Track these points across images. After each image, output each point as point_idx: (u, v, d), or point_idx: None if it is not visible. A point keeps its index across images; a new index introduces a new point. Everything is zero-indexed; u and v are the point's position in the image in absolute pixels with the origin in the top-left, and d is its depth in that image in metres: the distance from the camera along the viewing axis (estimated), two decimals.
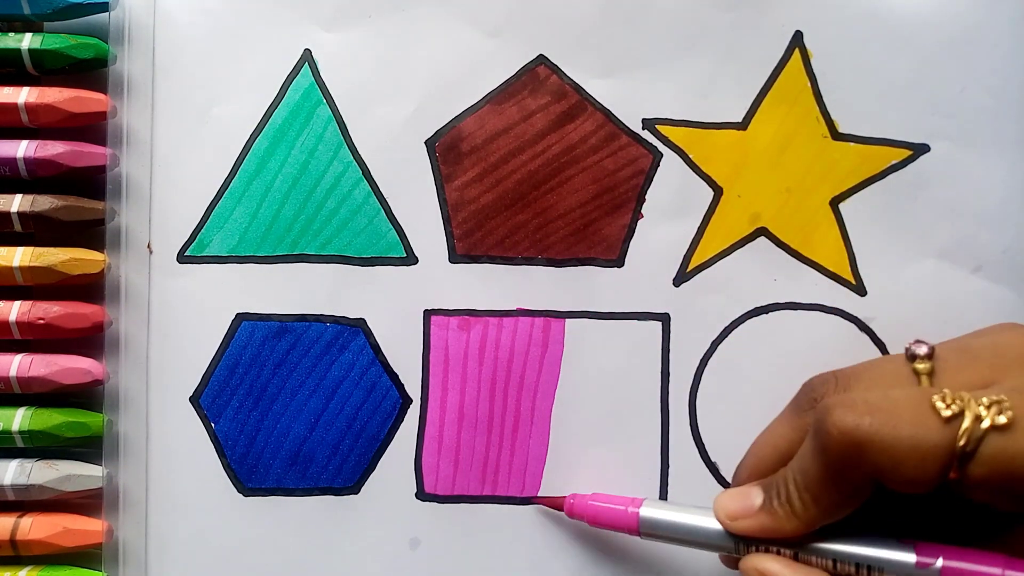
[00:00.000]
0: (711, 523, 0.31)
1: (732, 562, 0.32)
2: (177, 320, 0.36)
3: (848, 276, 0.36)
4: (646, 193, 0.36)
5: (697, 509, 0.32)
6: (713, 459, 0.36)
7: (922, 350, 0.29)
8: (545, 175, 0.36)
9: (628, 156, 0.36)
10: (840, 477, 0.27)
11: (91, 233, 0.36)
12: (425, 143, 0.37)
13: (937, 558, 0.28)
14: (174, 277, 0.36)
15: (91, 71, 0.36)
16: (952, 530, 0.28)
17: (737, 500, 0.31)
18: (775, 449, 0.31)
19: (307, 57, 0.37)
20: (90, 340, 0.36)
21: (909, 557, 0.28)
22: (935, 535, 0.28)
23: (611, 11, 0.37)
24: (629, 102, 0.37)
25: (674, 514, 0.32)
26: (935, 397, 0.26)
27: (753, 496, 0.30)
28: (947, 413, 0.26)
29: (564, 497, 0.35)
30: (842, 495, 0.28)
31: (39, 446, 0.35)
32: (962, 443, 0.25)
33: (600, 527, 0.34)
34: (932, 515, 0.29)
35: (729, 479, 0.36)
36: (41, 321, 0.35)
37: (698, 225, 0.36)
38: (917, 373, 0.29)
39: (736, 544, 0.30)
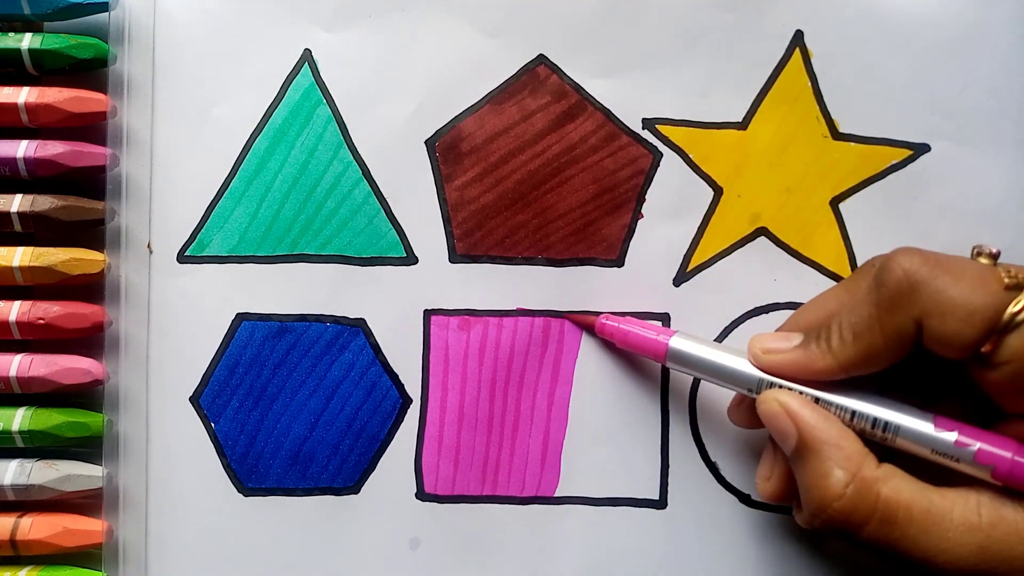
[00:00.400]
0: (739, 363, 0.32)
1: (742, 415, 0.33)
2: (177, 320, 0.36)
3: (848, 276, 0.36)
4: (646, 193, 0.36)
5: (728, 348, 0.32)
6: (713, 459, 0.36)
7: (988, 250, 0.30)
8: (545, 175, 0.36)
9: (628, 156, 0.36)
10: (889, 315, 0.28)
11: (91, 233, 0.36)
12: (425, 143, 0.37)
13: (953, 430, 0.28)
14: (174, 277, 0.36)
15: (91, 71, 0.36)
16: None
17: (774, 338, 0.31)
18: (823, 308, 0.32)
19: (307, 57, 0.37)
20: (90, 340, 0.36)
21: (927, 425, 0.29)
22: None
23: (611, 11, 0.37)
24: (629, 102, 0.37)
25: (703, 349, 0.32)
26: (1000, 268, 0.27)
27: (792, 337, 0.31)
28: (1008, 281, 0.27)
29: (596, 316, 0.35)
30: (885, 338, 0.28)
31: (39, 446, 0.35)
32: (1017, 308, 0.26)
33: (628, 348, 0.35)
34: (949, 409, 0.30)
35: (729, 479, 0.36)
36: (41, 321, 0.35)
37: (698, 225, 0.36)
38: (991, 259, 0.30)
39: (759, 384, 0.31)
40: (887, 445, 0.29)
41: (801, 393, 0.30)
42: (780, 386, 0.31)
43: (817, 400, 0.30)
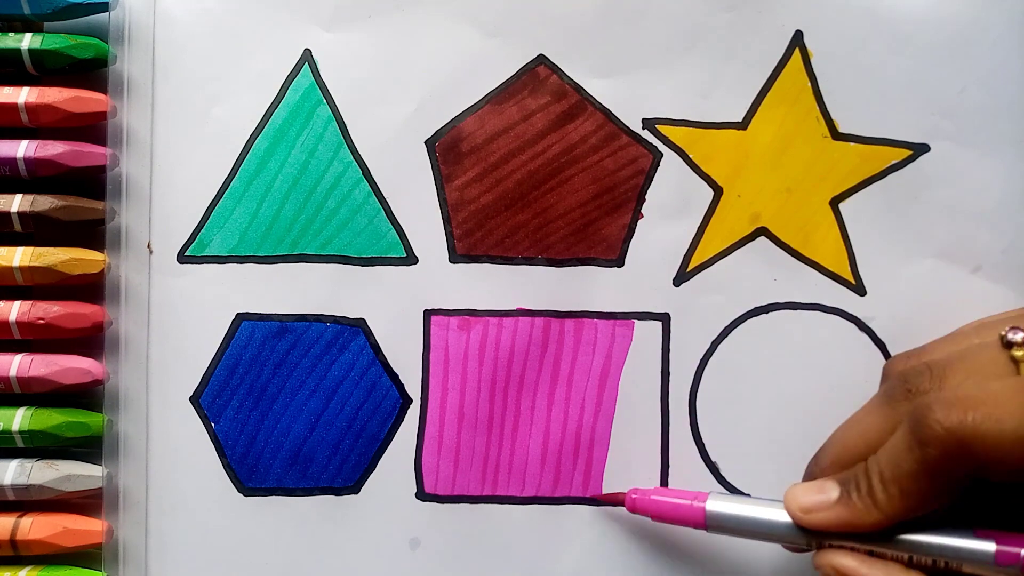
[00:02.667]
0: (781, 516, 0.31)
1: (795, 547, 0.32)
2: (177, 320, 0.36)
3: (848, 276, 0.36)
4: (646, 193, 0.36)
5: (764, 501, 0.31)
6: (713, 459, 0.36)
7: (1019, 336, 0.28)
8: (545, 175, 0.36)
9: (628, 156, 0.36)
10: (938, 474, 0.27)
11: (91, 233, 0.36)
12: (425, 143, 0.37)
13: (1021, 548, 0.27)
14: (174, 277, 0.36)
15: (91, 71, 0.36)
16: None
17: (811, 493, 0.30)
18: (864, 440, 0.30)
19: (307, 57, 0.37)
20: (90, 340, 0.36)
21: (989, 547, 0.28)
22: (1011, 526, 0.28)
23: (611, 11, 0.37)
24: (629, 102, 0.37)
25: (742, 507, 0.31)
26: None
27: (828, 489, 0.30)
28: None
29: (625, 493, 0.34)
30: (934, 492, 0.27)
31: (39, 446, 0.35)
32: None
33: (664, 522, 0.33)
34: (1007, 506, 0.29)
35: (729, 479, 0.36)
36: (41, 321, 0.35)
37: (698, 225, 0.36)
38: (1015, 360, 0.28)
39: (808, 539, 0.30)
40: (952, 572, 0.28)
41: (854, 547, 0.29)
42: (830, 543, 0.30)
43: (872, 551, 0.29)
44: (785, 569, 0.36)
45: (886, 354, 0.36)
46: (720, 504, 0.32)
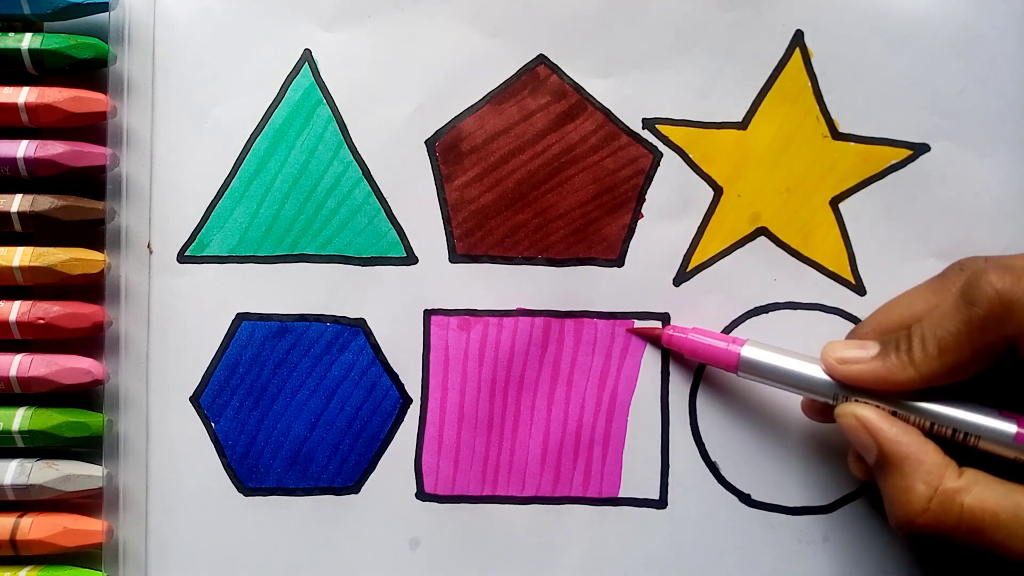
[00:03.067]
0: (814, 370, 0.31)
1: (815, 411, 0.33)
2: (177, 320, 0.36)
3: (848, 276, 0.36)
4: (646, 193, 0.36)
5: (800, 355, 0.32)
6: (713, 459, 0.36)
7: None
8: (545, 175, 0.36)
9: (628, 156, 0.36)
10: (980, 333, 0.28)
11: (91, 233, 0.36)
12: (425, 143, 0.37)
13: None
14: (174, 277, 0.36)
15: (91, 71, 0.36)
16: None
17: (850, 347, 0.31)
18: (910, 309, 0.31)
19: (307, 57, 0.37)
20: (90, 340, 0.36)
21: (1010, 428, 0.28)
22: None
23: (611, 11, 0.37)
24: (629, 102, 0.37)
25: (777, 357, 0.32)
26: None
27: (868, 346, 0.31)
28: None
29: (660, 329, 0.35)
30: (972, 354, 0.28)
31: (39, 446, 0.35)
32: None
33: (697, 359, 0.35)
34: None
35: (729, 479, 0.36)
36: (41, 321, 0.35)
37: (698, 225, 0.36)
38: None
39: (835, 394, 0.31)
40: (970, 448, 0.29)
41: (878, 405, 0.30)
42: (856, 398, 0.30)
43: (895, 411, 0.30)
44: (785, 570, 0.36)
45: None
46: (755, 352, 0.33)
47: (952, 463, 0.28)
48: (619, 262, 0.36)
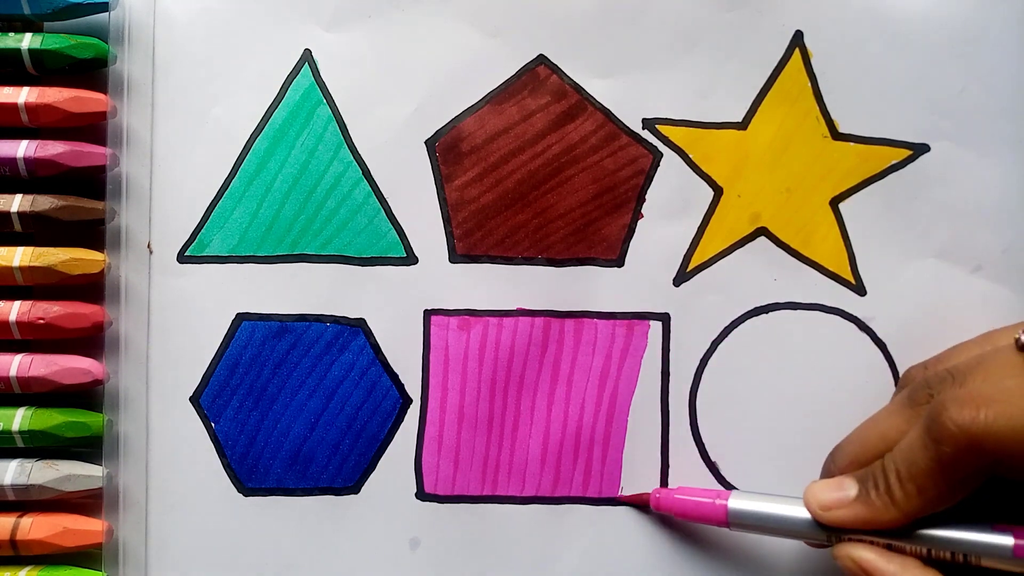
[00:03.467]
0: (801, 513, 0.31)
1: (816, 544, 0.33)
2: (177, 320, 0.36)
3: (848, 276, 0.36)
4: (646, 193, 0.36)
5: (786, 499, 0.32)
6: (713, 459, 0.36)
7: None
8: (545, 175, 0.36)
9: (628, 156, 0.36)
10: (952, 470, 0.27)
11: (91, 233, 0.36)
12: (425, 143, 0.37)
13: None
14: (174, 277, 0.36)
15: (91, 71, 0.36)
16: None
17: (830, 490, 0.31)
18: (883, 439, 0.31)
19: (307, 57, 0.37)
20: (90, 340, 0.36)
21: (1007, 542, 0.28)
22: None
23: (611, 11, 0.37)
24: (629, 102, 0.37)
25: (763, 505, 0.32)
26: None
27: (847, 487, 0.30)
28: None
29: (648, 493, 0.35)
30: (949, 488, 0.28)
31: (39, 446, 0.35)
32: None
33: (687, 520, 0.34)
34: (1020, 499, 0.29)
35: (729, 479, 0.36)
36: (41, 321, 0.35)
37: (698, 225, 0.36)
38: None
39: (828, 535, 0.31)
40: (972, 567, 0.29)
41: (872, 540, 0.30)
42: (849, 537, 0.30)
43: (890, 545, 0.29)
44: (785, 570, 0.36)
45: (886, 354, 0.36)
46: (742, 502, 0.32)
47: None
48: (619, 262, 0.36)
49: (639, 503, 0.35)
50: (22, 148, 0.35)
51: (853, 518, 0.30)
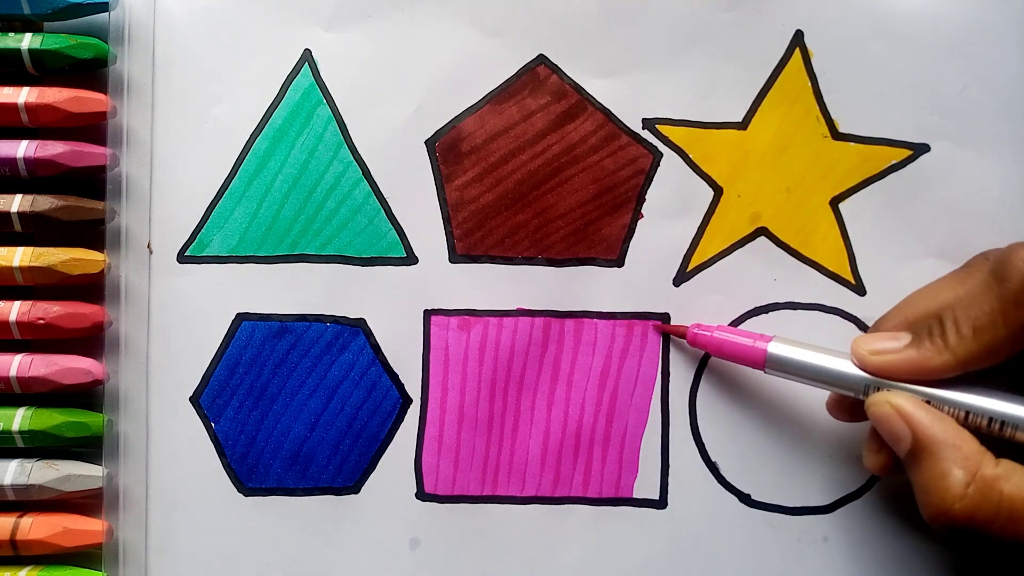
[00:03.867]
0: (843, 364, 0.31)
1: (842, 410, 0.32)
2: (177, 320, 0.36)
3: (848, 276, 0.36)
4: (646, 193, 0.36)
5: (828, 350, 0.32)
6: (713, 459, 0.36)
7: None
8: (545, 175, 0.36)
9: (628, 156, 0.36)
10: (1015, 310, 0.27)
11: (91, 233, 0.36)
12: (425, 143, 0.37)
13: None
14: (174, 277, 0.36)
15: (91, 71, 0.36)
16: None
17: (881, 339, 0.30)
18: (935, 299, 0.31)
19: (307, 57, 0.37)
20: (90, 340, 0.36)
21: None
22: None
23: (611, 11, 0.37)
24: (629, 102, 0.37)
25: (803, 353, 0.32)
26: None
27: (899, 336, 0.30)
28: None
29: (686, 327, 0.35)
30: (1007, 333, 0.28)
31: (39, 446, 0.35)
32: None
33: (723, 358, 0.34)
34: None
35: (729, 479, 0.36)
36: (41, 321, 0.35)
37: (698, 225, 0.36)
38: None
39: (866, 387, 0.30)
40: (1005, 440, 0.29)
41: (912, 393, 0.29)
42: (888, 388, 0.30)
43: (929, 401, 0.29)
44: (785, 570, 0.36)
45: None
46: (782, 348, 0.32)
47: (989, 452, 0.28)
48: (619, 262, 0.36)
49: (676, 334, 0.35)
50: (22, 148, 0.35)
51: (903, 362, 0.29)
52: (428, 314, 0.36)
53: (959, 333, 0.28)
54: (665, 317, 0.36)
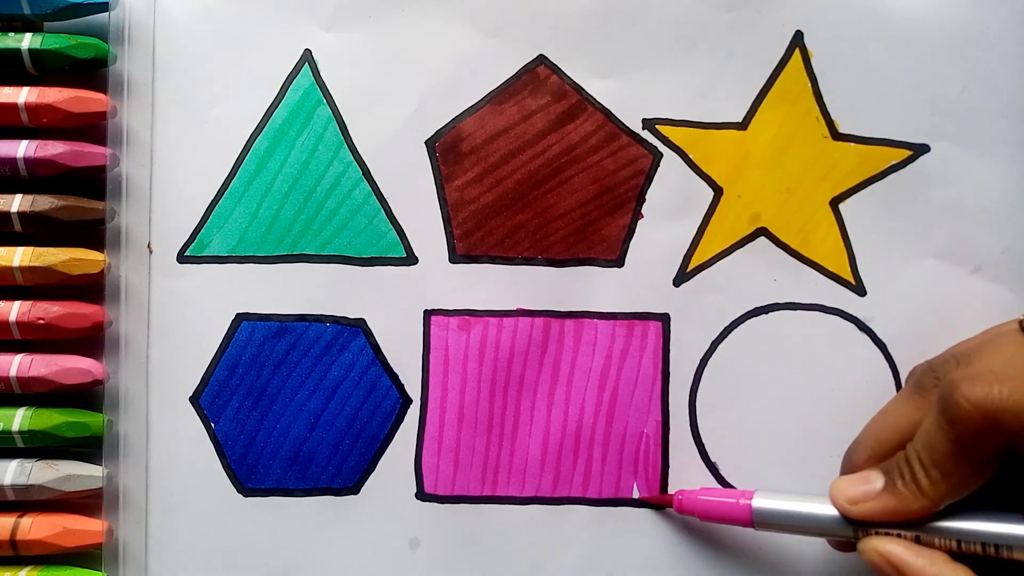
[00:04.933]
0: (827, 510, 0.31)
1: (842, 545, 0.32)
2: (177, 320, 0.36)
3: (848, 276, 0.36)
4: (646, 193, 0.36)
5: (810, 497, 0.31)
6: (713, 459, 0.36)
7: None
8: (545, 175, 0.36)
9: (628, 156, 0.36)
10: (972, 450, 0.27)
11: (91, 233, 0.36)
12: (425, 143, 0.37)
13: None
14: (174, 277, 0.36)
15: (91, 71, 0.36)
16: None
17: (856, 484, 0.30)
18: (897, 430, 0.31)
19: (307, 57, 0.37)
20: (90, 340, 0.36)
21: None
22: None
23: (611, 11, 0.37)
24: (629, 102, 0.37)
25: (788, 504, 0.32)
26: None
27: (873, 479, 0.30)
28: None
29: (671, 495, 0.35)
30: (973, 469, 0.28)
31: (39, 446, 0.35)
32: None
33: (711, 521, 0.33)
34: None
35: (729, 479, 0.36)
36: (41, 321, 0.35)
37: (698, 225, 0.36)
38: None
39: (855, 530, 0.30)
40: (1003, 560, 0.28)
41: (900, 533, 0.29)
42: (876, 531, 0.30)
43: (918, 537, 0.29)
44: (785, 570, 0.36)
45: (886, 354, 0.36)
46: (766, 501, 0.32)
47: None
48: (619, 262, 0.36)
49: (660, 504, 0.35)
50: (22, 148, 0.35)
51: (882, 510, 0.29)
52: (428, 314, 0.36)
53: (928, 476, 0.28)
54: (665, 317, 0.36)
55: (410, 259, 0.36)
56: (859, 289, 0.36)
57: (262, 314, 0.36)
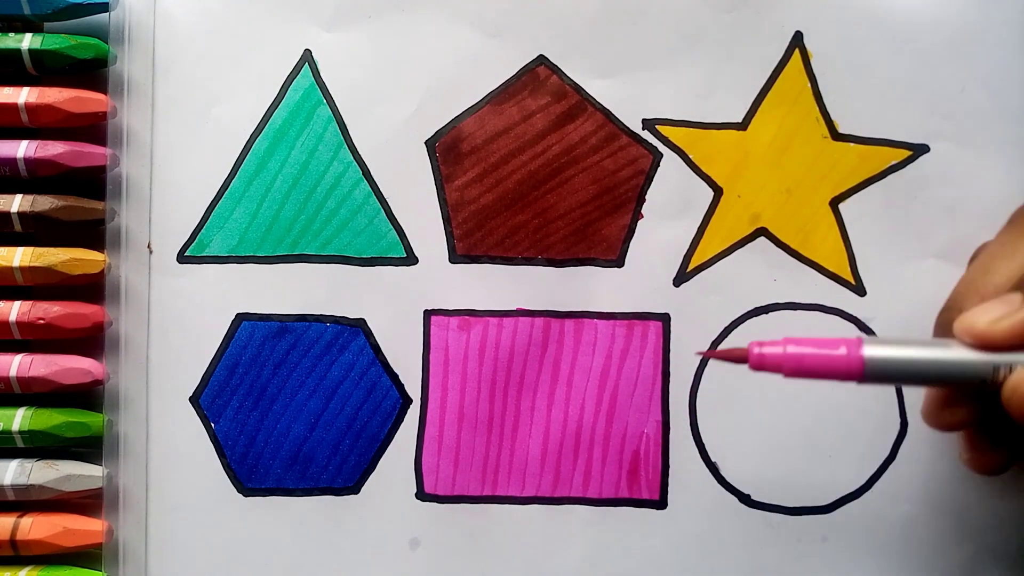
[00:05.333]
0: (953, 352, 0.27)
1: (953, 416, 0.29)
2: (177, 320, 0.36)
3: (848, 276, 0.36)
4: (646, 193, 0.36)
5: (924, 340, 0.28)
6: (713, 459, 0.36)
7: None
8: (545, 175, 0.36)
9: (628, 156, 0.36)
10: None
11: (91, 233, 0.36)
12: (425, 143, 0.37)
13: None
14: (174, 277, 0.36)
15: (91, 71, 0.36)
16: None
17: (993, 307, 0.26)
18: (1015, 259, 0.28)
19: (307, 57, 0.37)
20: (90, 340, 0.36)
21: None
22: None
23: (611, 11, 0.37)
24: (629, 102, 0.37)
25: (905, 349, 0.27)
26: None
27: (1009, 299, 0.26)
28: None
29: (744, 348, 0.28)
30: None
31: (39, 446, 0.35)
32: None
33: (806, 376, 0.28)
34: None
35: (729, 479, 0.36)
36: (41, 321, 0.35)
37: (698, 225, 0.36)
38: None
39: (995, 369, 0.26)
40: None
41: None
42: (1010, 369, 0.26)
43: None
44: (785, 570, 0.36)
45: None
46: (878, 349, 0.27)
47: None
48: (619, 262, 0.36)
49: (733, 360, 0.29)
50: (22, 148, 0.35)
51: None
52: (428, 314, 0.36)
53: None
54: (665, 317, 0.36)
55: (410, 259, 0.36)
56: (859, 289, 0.36)
57: (262, 314, 0.36)
